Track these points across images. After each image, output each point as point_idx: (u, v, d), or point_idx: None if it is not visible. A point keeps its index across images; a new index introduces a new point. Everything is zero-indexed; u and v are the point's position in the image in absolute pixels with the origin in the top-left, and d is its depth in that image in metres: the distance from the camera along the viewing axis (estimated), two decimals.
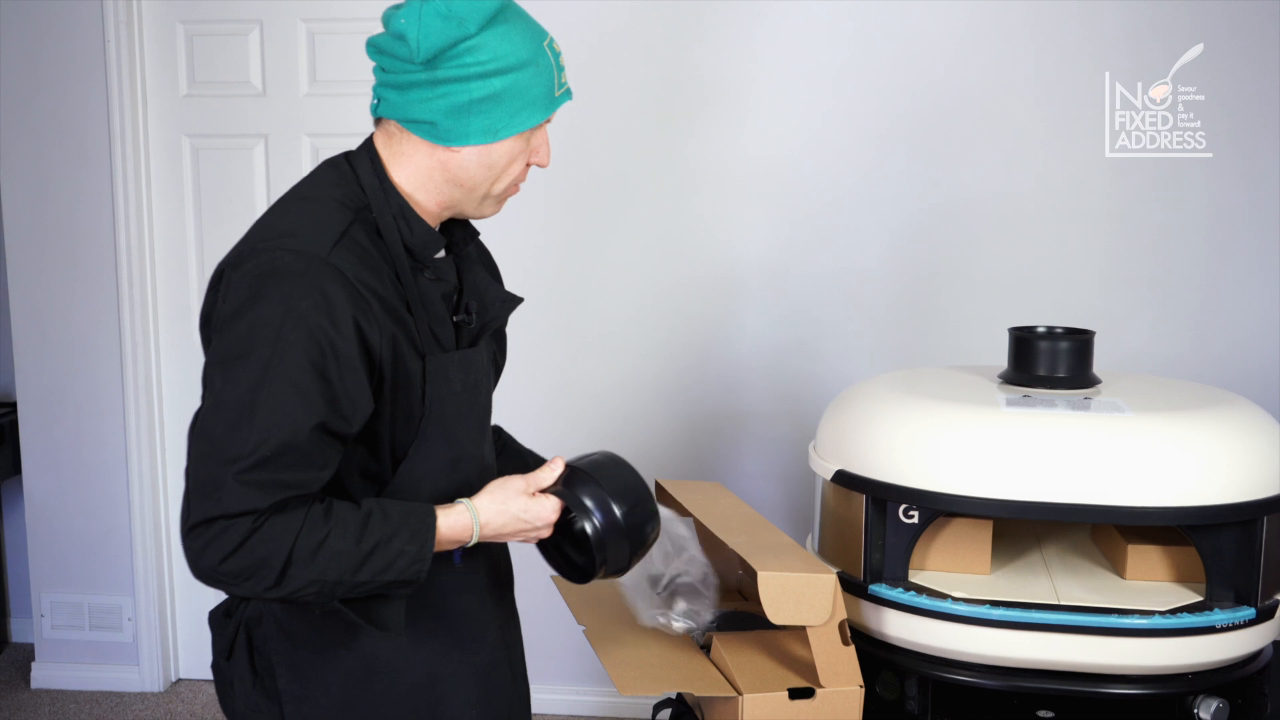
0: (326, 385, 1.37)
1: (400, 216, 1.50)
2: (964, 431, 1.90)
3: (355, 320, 1.39)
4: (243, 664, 1.57)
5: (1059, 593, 1.91)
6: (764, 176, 3.09)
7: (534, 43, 1.48)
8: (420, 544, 1.42)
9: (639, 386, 3.15)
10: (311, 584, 1.37)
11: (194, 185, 3.36)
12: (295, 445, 1.35)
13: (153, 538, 3.44)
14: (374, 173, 1.51)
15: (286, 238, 1.41)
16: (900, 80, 3.00)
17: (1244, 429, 1.91)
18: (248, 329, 1.37)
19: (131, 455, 3.41)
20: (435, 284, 1.52)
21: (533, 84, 1.48)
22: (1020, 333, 2.13)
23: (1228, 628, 1.83)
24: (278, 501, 1.35)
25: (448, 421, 1.52)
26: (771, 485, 3.16)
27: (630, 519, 1.54)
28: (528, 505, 1.51)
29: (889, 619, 1.93)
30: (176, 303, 3.41)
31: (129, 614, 3.47)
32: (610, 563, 1.57)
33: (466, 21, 1.43)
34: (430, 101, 1.46)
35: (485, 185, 1.52)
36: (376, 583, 1.40)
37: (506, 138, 1.48)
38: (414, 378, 1.47)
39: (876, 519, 1.94)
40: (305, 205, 1.48)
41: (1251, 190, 2.91)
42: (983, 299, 3.01)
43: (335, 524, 1.38)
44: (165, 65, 3.32)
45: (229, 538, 1.34)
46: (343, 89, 3.25)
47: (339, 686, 1.54)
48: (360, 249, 1.44)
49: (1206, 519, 1.83)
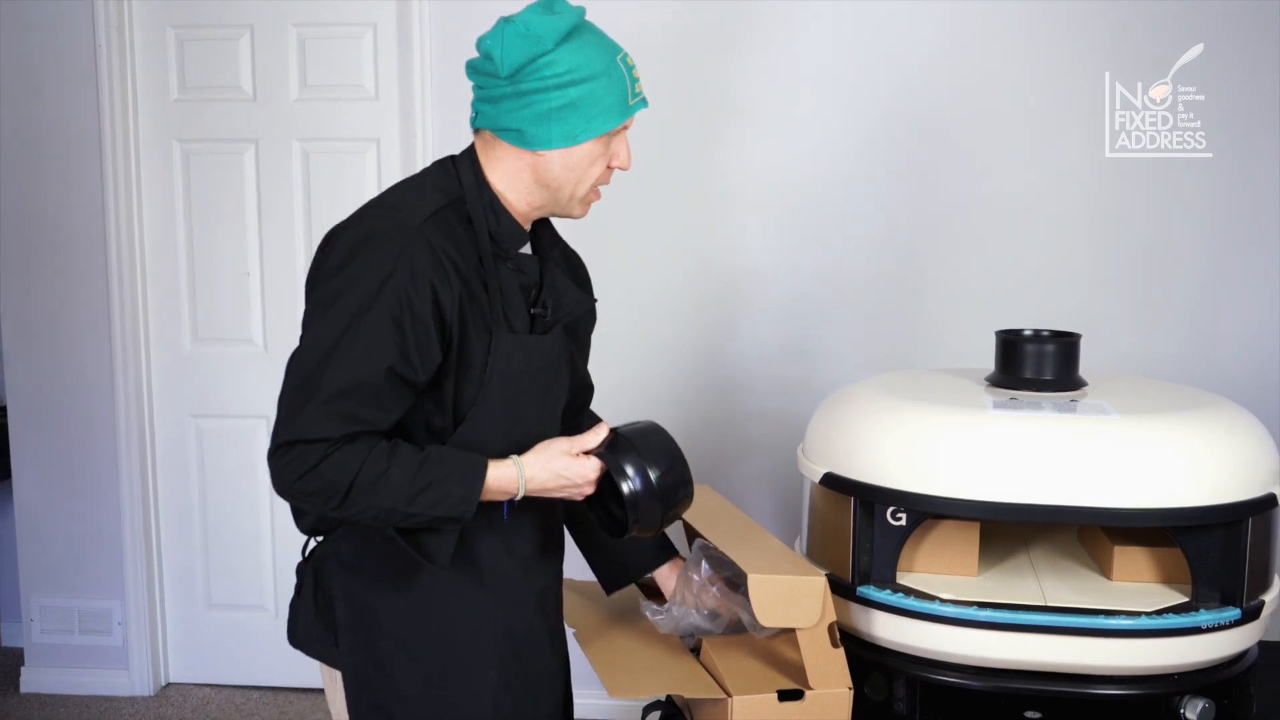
0: (401, 335, 1.57)
1: (490, 209, 1.70)
2: (951, 434, 1.91)
3: (432, 283, 1.59)
4: (308, 598, 1.79)
5: (1046, 594, 1.92)
6: (754, 180, 3.10)
7: (607, 56, 1.67)
8: (468, 488, 1.62)
9: (626, 389, 3.16)
10: (369, 509, 1.58)
11: (184, 190, 3.36)
12: (369, 383, 1.57)
13: (143, 541, 3.44)
14: (472, 171, 1.72)
15: (388, 210, 1.65)
16: (896, 80, 3.01)
17: (1229, 431, 1.93)
18: (344, 281, 1.59)
19: (122, 459, 3.41)
20: (515, 274, 1.72)
21: (606, 93, 1.67)
22: (1007, 335, 2.14)
23: (1213, 628, 1.85)
24: (349, 433, 1.56)
25: (507, 394, 1.68)
26: (760, 488, 3.17)
27: (663, 482, 1.69)
28: (569, 464, 1.69)
29: (877, 621, 1.94)
30: (167, 307, 3.41)
31: (119, 618, 3.47)
32: (643, 520, 1.71)
33: (544, 39, 1.63)
34: (516, 111, 1.66)
35: (570, 186, 1.72)
36: (426, 515, 1.60)
37: (585, 141, 1.68)
38: (478, 349, 1.65)
39: (865, 521, 1.95)
40: (410, 188, 1.71)
41: (1251, 190, 2.91)
42: (973, 301, 3.02)
43: (397, 460, 1.58)
44: (156, 69, 3.32)
45: (305, 460, 1.56)
46: (334, 94, 3.26)
47: (386, 625, 1.73)
48: (449, 228, 1.65)
49: (1192, 520, 1.84)
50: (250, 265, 3.37)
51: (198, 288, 3.40)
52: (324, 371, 1.56)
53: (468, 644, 1.74)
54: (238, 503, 3.46)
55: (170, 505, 3.49)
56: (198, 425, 3.45)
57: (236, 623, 3.51)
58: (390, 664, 1.73)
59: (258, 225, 3.36)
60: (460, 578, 1.74)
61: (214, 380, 3.42)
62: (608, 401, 3.06)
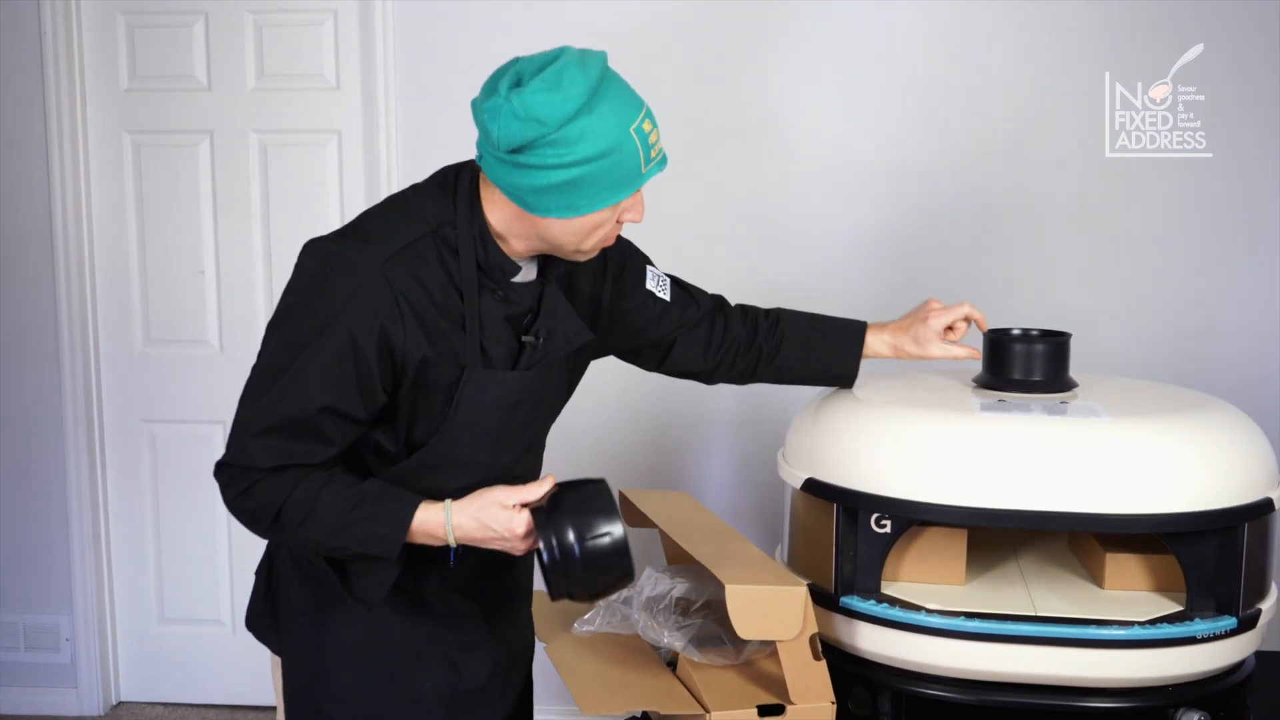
0: (342, 375, 1.59)
1: (480, 240, 1.66)
2: (938, 438, 1.90)
3: (383, 326, 1.59)
4: (262, 582, 1.85)
5: (1036, 604, 1.91)
6: (731, 178, 3.09)
7: (619, 130, 1.58)
8: (392, 529, 1.63)
9: (601, 391, 3.13)
10: (297, 537, 1.64)
11: (135, 184, 3.33)
12: (304, 420, 1.59)
13: (92, 553, 3.40)
14: (469, 197, 1.67)
15: (361, 240, 1.63)
16: (893, 82, 3.02)
17: (1225, 434, 1.92)
18: (298, 305, 1.61)
19: (70, 466, 3.36)
20: (502, 305, 1.69)
21: (614, 169, 1.59)
22: (995, 335, 2.13)
23: (1209, 638, 1.84)
24: (277, 466, 1.60)
25: (471, 428, 1.68)
26: (739, 494, 3.16)
27: (589, 552, 1.63)
28: (497, 515, 1.65)
29: (861, 632, 1.92)
30: (118, 307, 3.38)
31: (67, 634, 3.43)
32: (562, 587, 1.65)
33: (545, 122, 1.54)
34: (515, 179, 1.60)
35: (572, 245, 1.67)
36: (351, 550, 1.64)
37: (588, 214, 1.62)
38: (442, 385, 1.65)
39: (848, 529, 1.93)
40: (393, 208, 1.69)
41: (1251, 190, 2.95)
42: (959, 300, 3.02)
43: (327, 494, 1.61)
44: (105, 58, 3.28)
45: (239, 483, 1.62)
46: (292, 83, 3.23)
47: (329, 623, 1.77)
48: (420, 262, 1.62)
49: (1186, 526, 1.83)
50: (205, 263, 3.34)
51: (150, 286, 3.37)
52: (262, 401, 1.60)
53: (406, 653, 1.77)
54: (192, 512, 3.42)
55: (121, 514, 3.45)
56: (150, 430, 3.41)
57: (191, 638, 3.47)
58: (327, 662, 1.76)
59: (213, 221, 3.33)
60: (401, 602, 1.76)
61: (167, 383, 3.39)
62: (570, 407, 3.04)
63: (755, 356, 2.05)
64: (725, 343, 2.03)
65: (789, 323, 2.07)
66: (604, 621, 2.01)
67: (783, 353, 2.05)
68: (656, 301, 1.95)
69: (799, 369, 2.07)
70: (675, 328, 1.99)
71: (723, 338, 2.03)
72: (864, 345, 2.08)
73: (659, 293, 1.96)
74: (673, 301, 1.98)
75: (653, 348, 2.01)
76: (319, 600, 1.77)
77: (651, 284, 1.96)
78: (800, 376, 2.10)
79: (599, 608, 2.04)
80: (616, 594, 2.06)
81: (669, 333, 1.99)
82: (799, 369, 2.07)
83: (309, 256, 1.64)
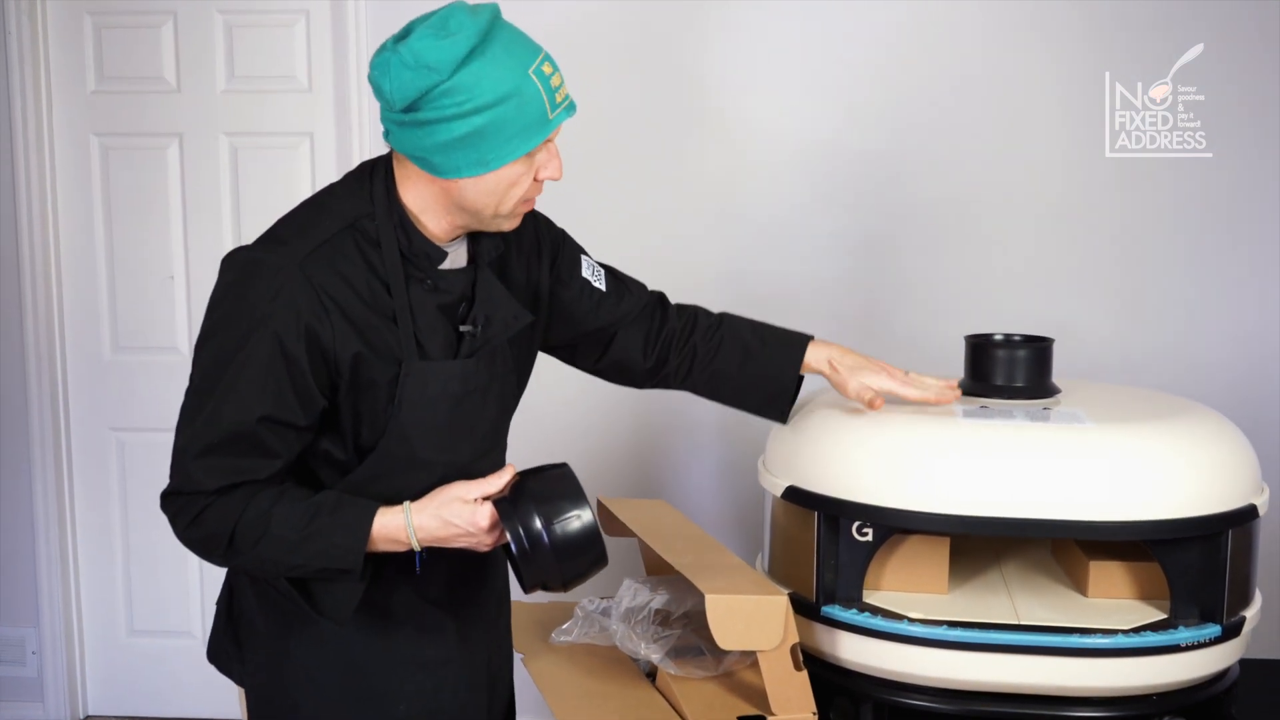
0: (275, 382, 1.56)
1: (401, 228, 1.63)
2: (920, 445, 1.90)
3: (309, 326, 1.56)
4: (222, 611, 1.80)
5: (1019, 612, 1.92)
6: (717, 181, 3.09)
7: (516, 73, 1.55)
8: (352, 538, 1.59)
9: (578, 398, 3.13)
10: (254, 559, 1.59)
11: (103, 188, 3.31)
12: (244, 434, 1.56)
13: (59, 564, 3.38)
14: (385, 186, 1.64)
15: (276, 243, 1.61)
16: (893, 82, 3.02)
17: (1208, 439, 1.93)
18: (220, 319, 1.59)
19: (36, 475, 3.34)
20: (433, 294, 1.65)
21: (518, 114, 1.56)
22: (976, 340, 2.14)
23: (1192, 646, 1.85)
24: (226, 485, 1.57)
25: (419, 424, 1.64)
26: (719, 502, 3.16)
27: (557, 537, 1.60)
28: (460, 511, 1.62)
29: (843, 642, 1.92)
30: (85, 312, 3.36)
31: (33, 646, 3.41)
32: (534, 576, 1.63)
33: (437, 68, 1.52)
34: (419, 140, 1.57)
35: (490, 208, 1.63)
36: (312, 567, 1.59)
37: (500, 167, 1.58)
38: (380, 382, 1.61)
39: (829, 537, 1.94)
40: (307, 209, 1.66)
41: (1251, 191, 2.98)
42: (945, 305, 3.04)
43: (280, 510, 1.57)
44: (71, 59, 3.26)
45: (189, 510, 1.59)
46: (263, 85, 3.22)
47: (293, 648, 1.72)
48: (341, 257, 1.59)
49: (1170, 533, 1.84)
50: (174, 268, 3.33)
51: (118, 292, 3.35)
52: (198, 421, 1.57)
53: (377, 674, 1.72)
54: (162, 522, 3.30)
55: (88, 524, 3.43)
56: (118, 439, 3.39)
57: (160, 650, 3.45)
58: (295, 690, 1.72)
59: (182, 225, 3.31)
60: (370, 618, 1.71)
61: (135, 391, 3.37)
62: (546, 414, 3.03)
63: (690, 355, 1.98)
64: (663, 337, 1.98)
65: (731, 327, 2.01)
66: (581, 632, 2.02)
67: (720, 356, 1.98)
68: (593, 290, 1.91)
69: (737, 377, 1.99)
70: (614, 319, 1.94)
71: (659, 331, 1.98)
72: (804, 355, 2.00)
73: (595, 282, 1.92)
74: (609, 292, 1.93)
75: (590, 342, 1.96)
76: (282, 624, 1.72)
77: (587, 273, 1.92)
78: (736, 389, 2.01)
79: (576, 617, 2.04)
80: (598, 601, 2.07)
81: (607, 324, 1.94)
82: (737, 377, 1.99)
83: (226, 269, 1.61)
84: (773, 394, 2.01)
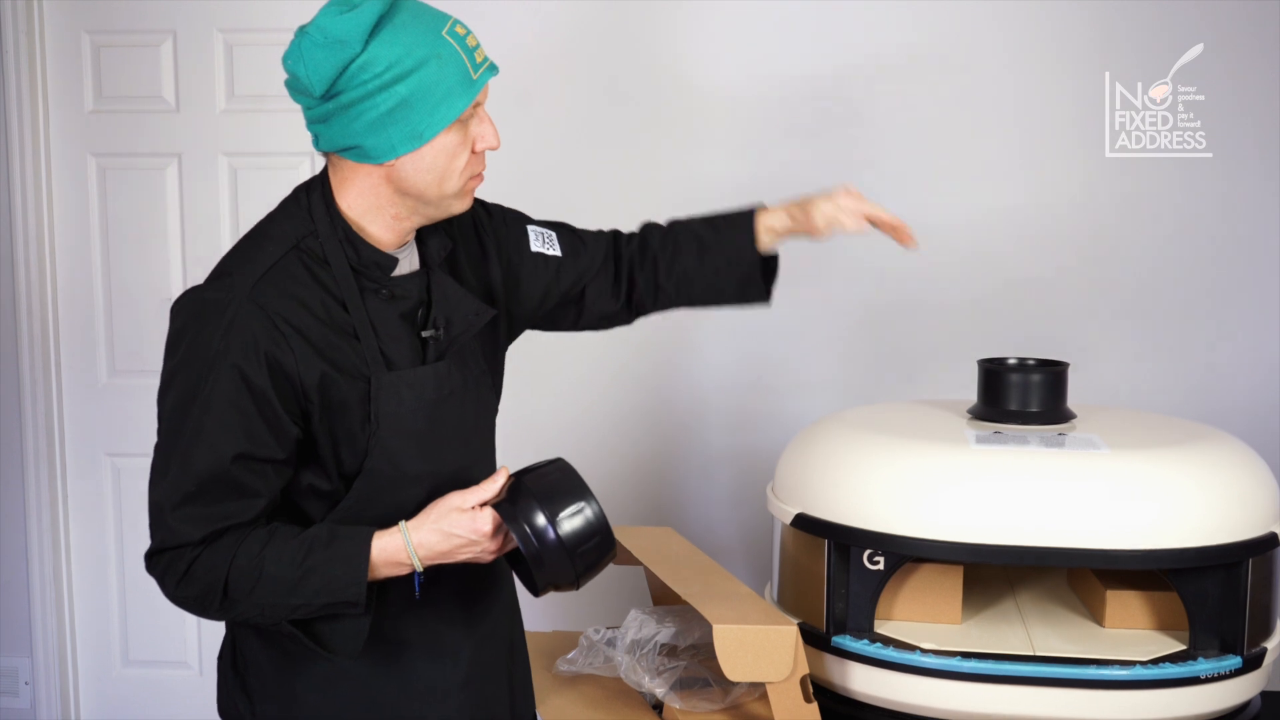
0: (243, 418, 1.53)
1: (346, 241, 1.62)
2: (932, 471, 1.91)
3: (269, 354, 1.54)
4: (227, 661, 1.75)
5: (1034, 643, 1.92)
6: (717, 197, 3.09)
7: (429, 36, 1.56)
8: (353, 568, 1.55)
9: (585, 423, 3.14)
10: (253, 606, 1.55)
11: (100, 209, 3.31)
12: (219, 478, 1.53)
13: (53, 593, 3.37)
14: (322, 200, 1.63)
15: (220, 277, 1.59)
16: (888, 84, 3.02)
17: (1227, 466, 1.94)
18: (178, 364, 1.56)
19: (30, 502, 3.34)
20: (391, 303, 1.64)
21: (441, 76, 1.56)
22: (990, 365, 2.15)
23: (1212, 678, 1.85)
24: (212, 532, 1.53)
25: (400, 437, 1.62)
26: (727, 530, 3.15)
27: (564, 532, 1.57)
28: (459, 520, 1.59)
29: (854, 673, 1.92)
30: (81, 337, 3.36)
31: (26, 677, 3.39)
32: (546, 576, 1.59)
33: (347, 41, 1.52)
34: (348, 126, 1.56)
35: (435, 187, 1.61)
36: (315, 604, 1.55)
37: (434, 136, 1.57)
38: (351, 402, 1.59)
39: (839, 565, 1.94)
40: (249, 241, 1.64)
41: (1251, 191, 2.98)
42: (956, 326, 3.03)
43: (272, 550, 1.54)
44: (69, 78, 3.27)
45: (176, 567, 1.54)
46: (263, 104, 3.22)
47: (303, 695, 1.67)
48: (291, 280, 1.58)
49: (1188, 562, 1.84)
50: (172, 291, 3.32)
51: (115, 315, 3.35)
52: (170, 472, 1.54)
53: (395, 705, 1.69)
54: None
55: (84, 552, 3.42)
56: (114, 465, 3.39)
57: (156, 681, 3.43)
58: None
59: (181, 247, 3.31)
60: (380, 649, 1.68)
61: (132, 416, 3.35)
62: (551, 440, 3.03)
63: (652, 268, 1.94)
64: (625, 268, 1.95)
65: (682, 227, 1.96)
66: (586, 661, 2.01)
67: (680, 258, 1.93)
68: (549, 261, 1.89)
69: (701, 272, 1.93)
70: (577, 278, 1.92)
71: (620, 266, 1.95)
72: (756, 225, 1.92)
73: (548, 250, 1.89)
74: (565, 254, 1.90)
75: (563, 307, 1.94)
76: (292, 669, 1.68)
77: (537, 244, 1.89)
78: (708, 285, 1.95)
79: (581, 646, 2.04)
80: (604, 631, 2.07)
81: (572, 285, 1.91)
82: (701, 272, 1.93)
83: (176, 314, 1.58)
84: (743, 276, 1.94)
